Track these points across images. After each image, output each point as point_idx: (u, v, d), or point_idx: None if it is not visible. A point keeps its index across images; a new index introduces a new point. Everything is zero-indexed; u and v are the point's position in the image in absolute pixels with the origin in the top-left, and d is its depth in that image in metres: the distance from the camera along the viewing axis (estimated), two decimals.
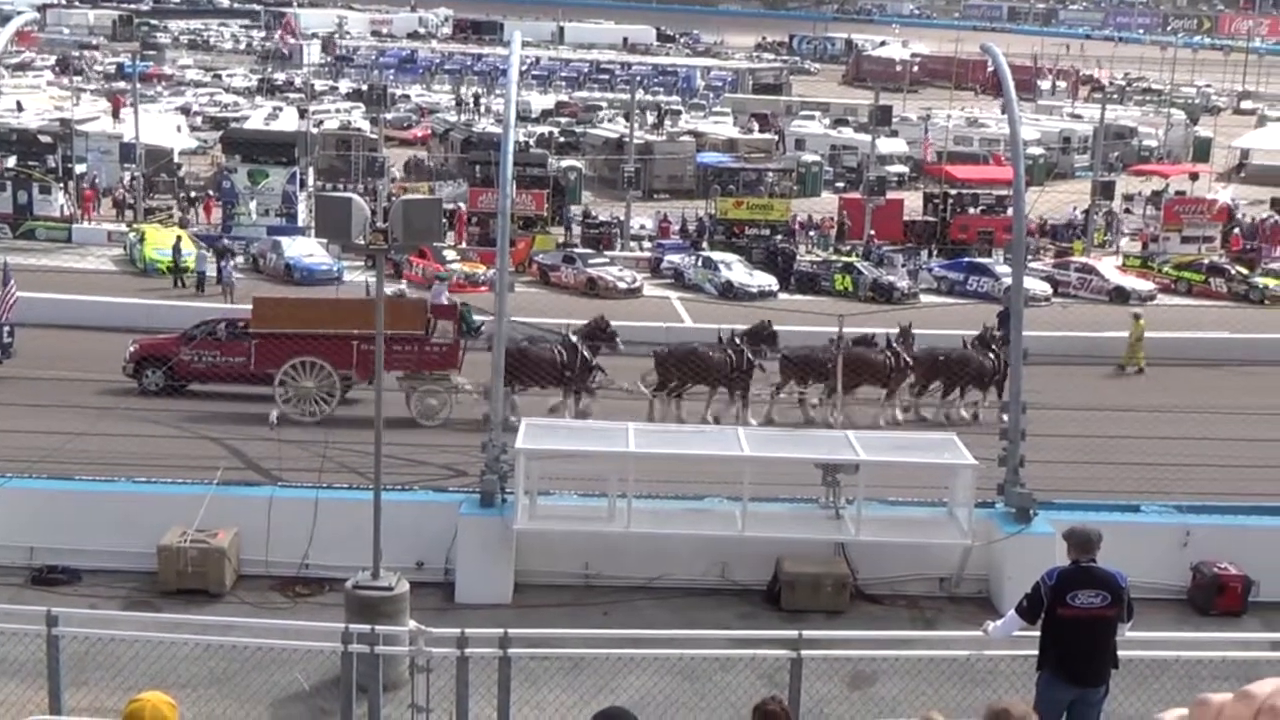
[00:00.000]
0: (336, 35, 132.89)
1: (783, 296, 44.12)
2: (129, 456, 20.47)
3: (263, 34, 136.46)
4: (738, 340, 27.76)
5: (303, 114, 68.40)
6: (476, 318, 28.52)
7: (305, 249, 44.25)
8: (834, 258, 48.98)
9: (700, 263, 46.75)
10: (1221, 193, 63.56)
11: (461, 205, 51.51)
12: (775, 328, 28.37)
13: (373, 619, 12.84)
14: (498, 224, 18.79)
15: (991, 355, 28.01)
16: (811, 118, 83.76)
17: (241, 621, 14.09)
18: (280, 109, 74.89)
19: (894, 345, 28.20)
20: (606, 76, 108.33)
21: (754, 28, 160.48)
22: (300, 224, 48.47)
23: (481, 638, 11.85)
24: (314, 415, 26.02)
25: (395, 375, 25.92)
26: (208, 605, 15.73)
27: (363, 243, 14.02)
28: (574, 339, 27.21)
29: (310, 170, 53.29)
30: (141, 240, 45.55)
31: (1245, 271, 48.96)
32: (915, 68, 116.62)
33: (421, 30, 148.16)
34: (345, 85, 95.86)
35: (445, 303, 30.08)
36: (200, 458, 20.71)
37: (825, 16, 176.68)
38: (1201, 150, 78.27)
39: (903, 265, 47.69)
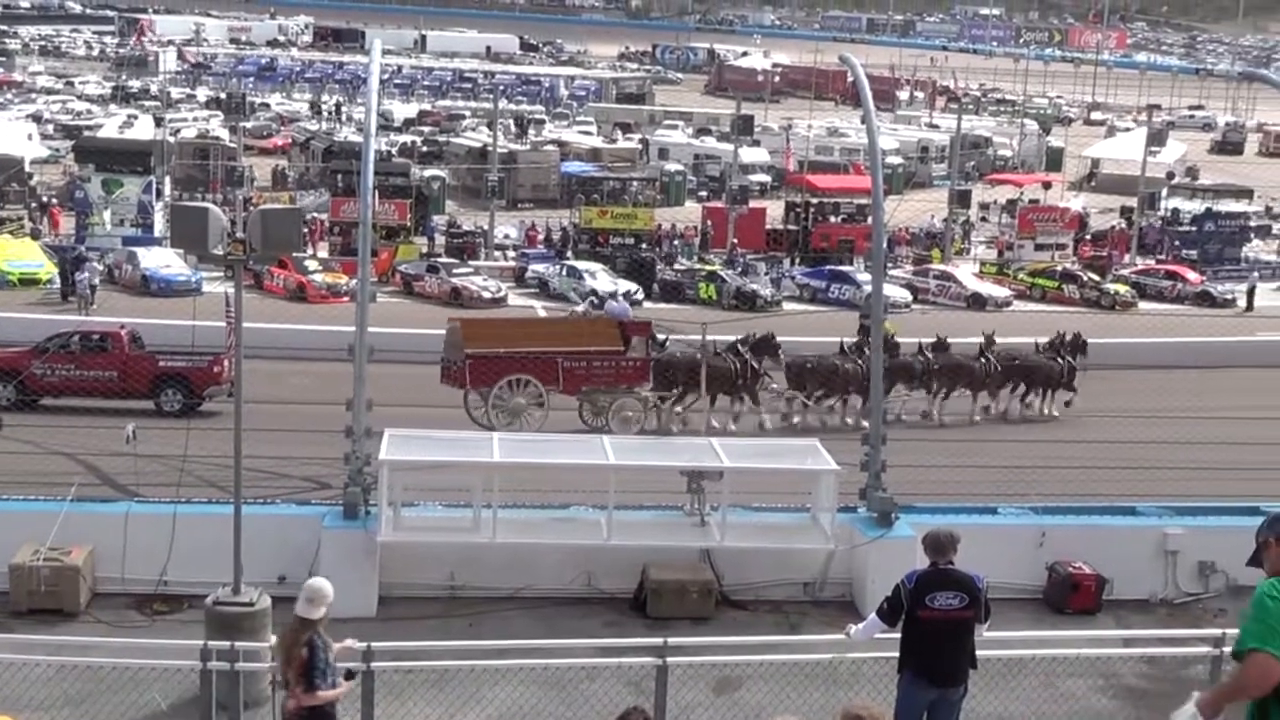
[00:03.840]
0: (193, 42, 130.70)
1: (647, 305, 44.31)
2: None
3: (116, 40, 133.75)
4: (865, 351, 29.38)
5: (159, 122, 67.16)
6: (659, 335, 30.51)
7: (162, 259, 43.49)
8: (698, 266, 49.32)
9: (565, 272, 46.78)
10: (1073, 201, 65.22)
11: (321, 215, 51.01)
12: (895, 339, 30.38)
13: (233, 635, 12.61)
14: (359, 234, 18.61)
15: (1059, 360, 31.15)
16: (675, 127, 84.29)
17: (97, 641, 13.76)
18: (135, 117, 73.47)
19: (985, 353, 30.96)
20: (469, 85, 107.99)
21: (617, 37, 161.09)
22: (157, 234, 47.60)
23: (345, 651, 11.69)
24: (523, 430, 26.82)
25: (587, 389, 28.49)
26: (62, 625, 15.31)
27: (220, 253, 13.78)
28: (743, 350, 29.25)
29: (167, 180, 52.37)
30: None
31: (1097, 278, 50.25)
32: (776, 78, 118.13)
33: (281, 38, 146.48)
34: (203, 93, 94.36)
35: (632, 319, 32.14)
36: (53, 473, 20.20)
37: (687, 26, 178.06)
38: (1054, 160, 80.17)
39: (765, 273, 48.18)
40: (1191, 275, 51.72)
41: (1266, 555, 6.75)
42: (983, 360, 30.92)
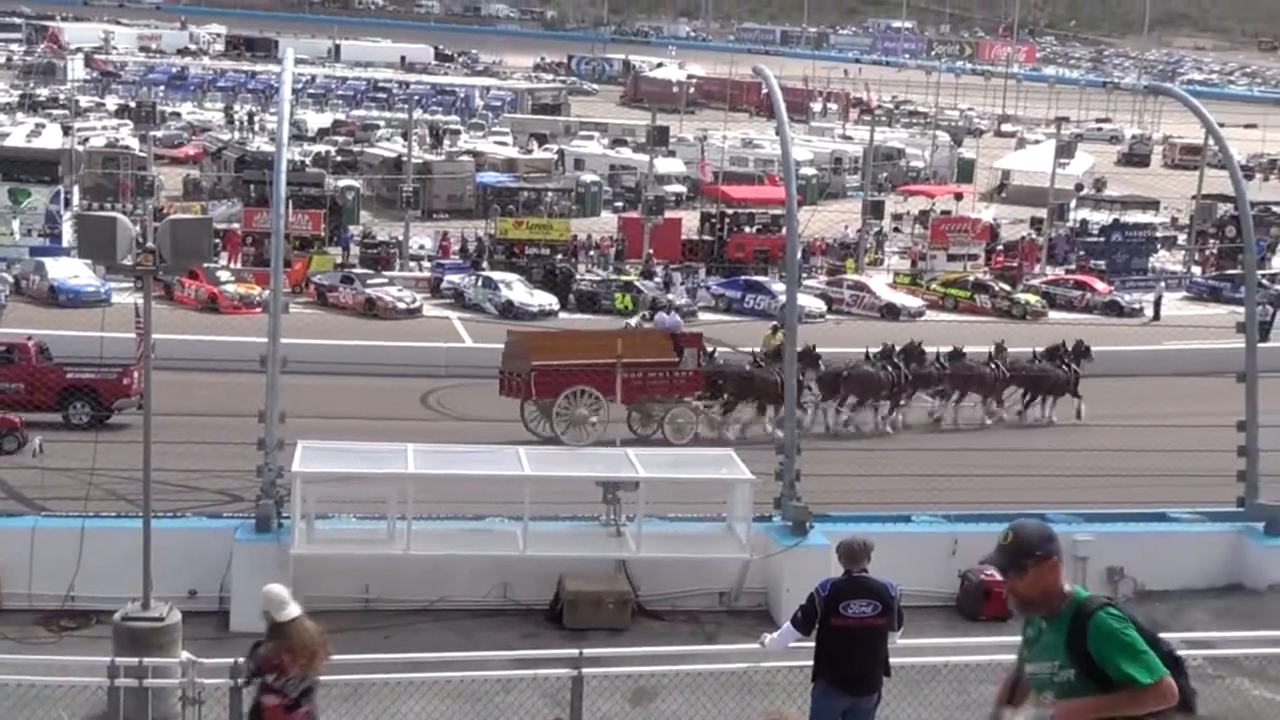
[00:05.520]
0: (102, 50, 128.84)
1: (563, 315, 44.31)
2: None
3: (24, 48, 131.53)
4: (895, 358, 31.25)
5: (67, 131, 66.12)
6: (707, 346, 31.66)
7: (70, 270, 42.84)
8: (613, 276, 49.39)
9: (480, 282, 46.65)
10: (984, 212, 65.96)
11: (234, 225, 50.49)
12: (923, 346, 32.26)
13: (143, 651, 12.44)
14: (272, 244, 18.44)
15: (1064, 367, 32.85)
16: (590, 138, 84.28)
17: (2, 658, 13.51)
18: (43, 126, 72.22)
19: (994, 360, 32.51)
20: (384, 95, 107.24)
21: (532, 48, 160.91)
22: (65, 244, 46.90)
23: None
24: (584, 439, 27.50)
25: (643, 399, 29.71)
26: None
27: (129, 263, 13.60)
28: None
29: (75, 189, 51.60)
30: None
31: (1008, 288, 50.87)
32: (692, 89, 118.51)
33: (192, 47, 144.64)
34: (112, 102, 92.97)
35: (684, 331, 33.76)
36: None
37: (603, 38, 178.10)
38: (965, 171, 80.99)
39: (681, 284, 48.32)
40: (1100, 285, 52.49)
41: (1023, 574, 6.54)
42: (992, 367, 32.36)
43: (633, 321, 40.38)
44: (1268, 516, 18.52)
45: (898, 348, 31.68)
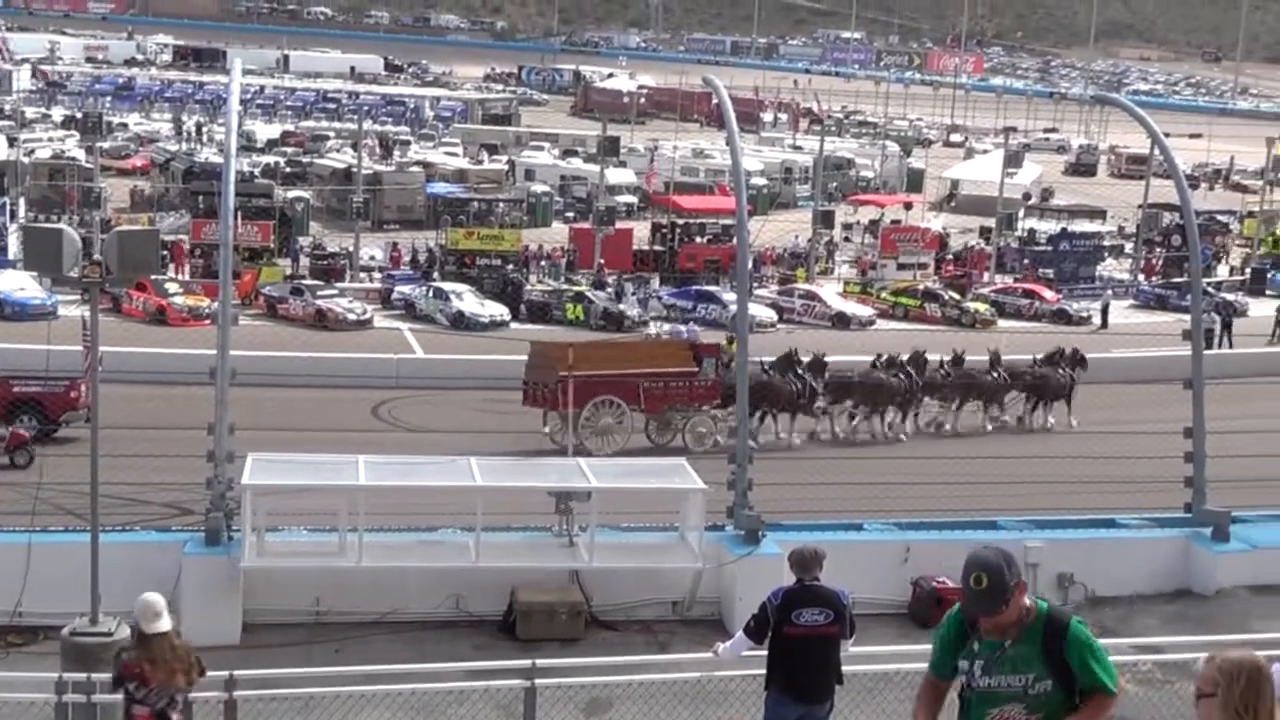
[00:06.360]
0: (48, 60, 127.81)
1: (514, 326, 44.26)
2: None
3: None
4: (907, 367, 32.07)
5: (12, 142, 65.55)
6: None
7: (16, 282, 42.44)
8: (564, 287, 49.39)
9: (431, 293, 46.54)
10: (934, 221, 66.35)
11: (181, 237, 50.17)
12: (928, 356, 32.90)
13: (92, 666, 12.32)
14: (220, 255, 18.31)
15: (1061, 372, 33.56)
16: (541, 148, 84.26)
17: None
18: None
19: (996, 368, 33.27)
20: (333, 106, 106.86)
21: (482, 58, 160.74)
22: (11, 257, 46.47)
23: (206, 680, 11.46)
24: (609, 449, 27.96)
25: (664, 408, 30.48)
26: None
27: (75, 275, 13.49)
28: (802, 371, 30.94)
29: (21, 201, 51.14)
30: None
31: (957, 296, 51.16)
32: (642, 99, 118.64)
33: (140, 57, 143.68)
34: (59, 113, 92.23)
35: (701, 341, 34.62)
36: None
37: (553, 48, 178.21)
38: (914, 181, 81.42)
39: (633, 294, 48.38)
40: (1048, 294, 52.89)
41: (1007, 606, 6.49)
42: (993, 374, 33.12)
43: (652, 332, 41.04)
44: (1214, 522, 18.70)
45: (904, 357, 32.25)
